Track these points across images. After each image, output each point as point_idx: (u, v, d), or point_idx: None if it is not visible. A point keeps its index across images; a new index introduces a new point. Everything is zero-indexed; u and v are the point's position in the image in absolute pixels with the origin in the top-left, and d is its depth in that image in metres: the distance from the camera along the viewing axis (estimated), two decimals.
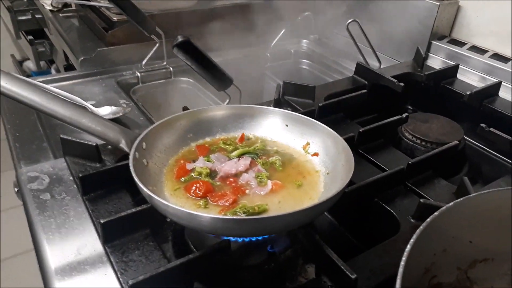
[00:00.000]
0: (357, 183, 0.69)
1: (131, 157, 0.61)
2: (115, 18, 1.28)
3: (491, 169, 0.96)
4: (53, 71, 1.98)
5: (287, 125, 0.77)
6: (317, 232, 0.70)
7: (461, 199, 0.45)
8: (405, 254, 0.40)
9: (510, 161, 0.94)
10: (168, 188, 0.65)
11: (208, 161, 0.70)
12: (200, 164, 0.69)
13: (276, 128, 0.78)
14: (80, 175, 0.68)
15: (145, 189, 0.55)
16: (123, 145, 0.69)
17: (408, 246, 0.40)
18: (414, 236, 0.41)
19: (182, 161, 0.70)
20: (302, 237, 0.64)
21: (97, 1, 1.38)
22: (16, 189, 0.79)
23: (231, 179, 0.67)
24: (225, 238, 0.61)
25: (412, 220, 0.67)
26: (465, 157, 0.97)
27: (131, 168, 0.58)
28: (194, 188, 0.64)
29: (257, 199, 0.64)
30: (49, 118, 0.99)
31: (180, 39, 0.87)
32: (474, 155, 0.99)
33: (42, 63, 2.20)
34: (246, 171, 0.69)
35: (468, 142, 1.01)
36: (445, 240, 0.46)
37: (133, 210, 0.62)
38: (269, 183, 0.66)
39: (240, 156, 0.72)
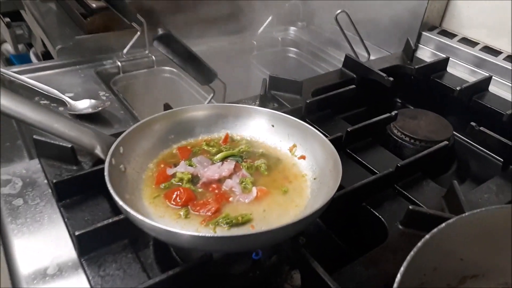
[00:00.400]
0: (345, 188, 0.67)
1: (106, 164, 0.58)
2: (94, 5, 1.22)
3: (480, 166, 0.95)
4: (31, 55, 1.91)
5: (273, 126, 0.74)
6: (304, 236, 0.69)
7: (454, 219, 0.43)
8: (397, 281, 0.38)
9: (499, 159, 0.93)
10: (147, 196, 0.62)
11: (190, 165, 0.67)
12: (181, 169, 0.65)
13: (262, 129, 0.75)
14: (54, 180, 0.64)
15: (120, 202, 0.52)
16: (98, 151, 0.65)
17: (399, 276, 0.38)
18: (405, 264, 0.39)
19: (162, 165, 0.67)
20: (287, 248, 0.62)
21: None
22: None
23: (214, 185, 0.64)
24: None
25: (400, 227, 0.65)
26: (453, 154, 0.95)
27: (106, 178, 0.55)
28: (174, 196, 0.61)
29: (242, 207, 0.61)
30: None
31: (160, 32, 0.83)
32: (463, 152, 0.97)
33: (20, 46, 2.12)
34: (230, 176, 0.66)
35: (457, 138, 1.00)
36: (436, 259, 0.44)
37: (110, 220, 0.58)
38: (254, 190, 0.63)
39: (224, 159, 0.69)
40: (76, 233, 0.56)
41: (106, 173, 0.56)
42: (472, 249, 0.46)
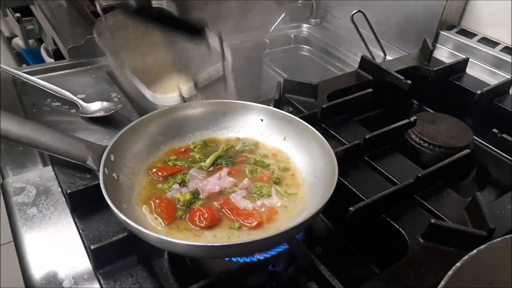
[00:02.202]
0: (365, 200, 0.65)
1: (100, 176, 0.57)
2: (104, 4, 1.20)
3: (500, 172, 0.93)
4: (42, 51, 1.90)
5: (262, 120, 0.76)
6: (321, 246, 0.68)
7: (485, 245, 0.42)
8: None
9: None
10: (142, 201, 0.62)
11: (184, 180, 0.66)
12: (173, 193, 0.64)
13: (252, 124, 0.77)
14: (68, 191, 0.64)
15: (121, 216, 0.52)
16: (90, 162, 0.63)
17: None
18: None
19: (156, 172, 0.68)
20: (304, 261, 0.60)
21: None
22: None
23: (219, 198, 0.64)
24: (226, 263, 0.57)
25: (421, 240, 0.63)
26: (473, 160, 0.93)
27: (103, 190, 0.54)
28: (197, 217, 0.60)
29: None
30: (38, 115, 0.95)
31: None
32: (482, 157, 0.95)
33: (31, 41, 2.12)
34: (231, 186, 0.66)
35: (477, 143, 0.97)
36: (465, 284, 0.43)
37: (125, 234, 0.58)
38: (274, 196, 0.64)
39: (215, 164, 0.70)
40: (92, 247, 0.56)
41: (102, 185, 0.55)
42: (502, 273, 0.44)
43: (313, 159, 0.68)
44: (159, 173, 0.67)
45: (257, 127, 0.76)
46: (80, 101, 0.99)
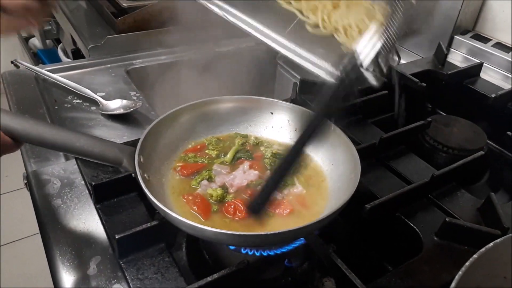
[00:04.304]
0: (380, 198, 0.66)
1: (140, 177, 0.58)
2: (125, 5, 1.23)
3: None
4: (59, 51, 1.94)
5: (272, 113, 0.78)
6: (335, 243, 0.69)
7: (502, 238, 0.43)
8: None
9: None
10: (174, 200, 0.64)
11: (210, 176, 0.68)
12: (204, 189, 0.66)
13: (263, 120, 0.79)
14: (93, 183, 0.66)
15: (175, 215, 0.54)
16: (125, 164, 0.64)
17: None
18: (453, 285, 0.39)
19: (181, 170, 0.70)
20: (320, 256, 0.62)
21: None
22: (25, 182, 0.77)
23: (248, 191, 0.66)
24: (243, 257, 0.59)
25: (435, 238, 0.65)
26: (487, 162, 0.93)
27: (147, 192, 0.56)
28: (232, 209, 0.62)
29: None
30: (59, 112, 0.97)
31: None
32: (496, 160, 0.96)
33: (48, 41, 2.15)
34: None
35: (490, 146, 0.98)
36: (480, 278, 0.44)
37: (149, 224, 0.60)
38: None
39: (235, 159, 0.72)
40: (117, 237, 0.58)
41: (145, 188, 0.57)
42: None
43: (331, 151, 0.70)
44: (184, 171, 0.69)
45: (268, 121, 0.79)
46: (100, 98, 1.01)
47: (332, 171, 0.70)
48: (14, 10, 0.56)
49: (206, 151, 0.74)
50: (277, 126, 0.78)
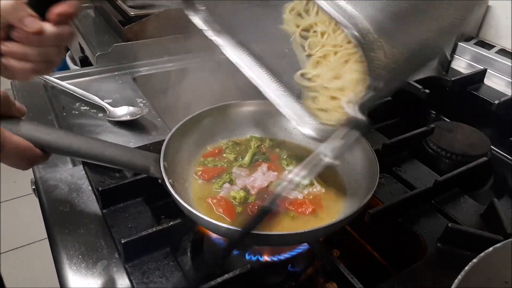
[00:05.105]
0: (383, 204, 0.67)
1: (169, 185, 0.59)
2: (132, 13, 1.25)
3: None
4: (67, 58, 1.97)
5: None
6: (338, 248, 0.69)
7: (502, 243, 0.44)
8: None
9: None
10: (199, 204, 0.65)
11: (231, 179, 0.69)
12: (226, 192, 0.67)
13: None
14: (100, 188, 0.67)
15: (211, 220, 0.55)
16: (152, 171, 0.63)
17: None
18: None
19: (202, 174, 0.71)
20: (323, 261, 0.63)
21: None
22: (33, 187, 0.79)
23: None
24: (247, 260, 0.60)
25: (438, 244, 0.65)
26: (490, 168, 0.94)
27: (177, 198, 0.57)
28: (255, 210, 0.64)
29: None
30: (67, 118, 0.99)
31: None
32: (500, 166, 0.96)
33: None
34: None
35: (494, 152, 0.98)
36: (481, 282, 0.44)
37: (154, 229, 0.61)
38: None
39: (253, 161, 0.74)
40: (123, 241, 0.59)
41: (174, 194, 0.57)
42: None
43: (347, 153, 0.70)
44: (205, 175, 0.70)
45: (281, 123, 0.79)
46: (107, 105, 1.03)
47: (349, 171, 0.71)
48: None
49: (224, 155, 0.76)
50: (290, 127, 0.79)
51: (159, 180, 0.61)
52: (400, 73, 0.53)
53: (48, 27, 0.53)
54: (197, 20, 0.68)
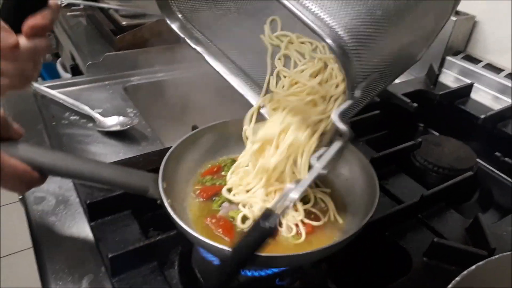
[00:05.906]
0: (371, 218, 0.67)
1: (168, 206, 0.57)
2: (124, 23, 1.26)
3: (504, 195, 0.94)
4: (58, 65, 1.96)
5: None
6: (326, 262, 0.70)
7: (484, 261, 0.44)
8: None
9: None
10: (197, 224, 0.64)
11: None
12: (225, 211, 0.66)
13: None
14: (88, 201, 0.67)
15: (211, 243, 0.52)
16: (151, 192, 0.61)
17: None
18: None
19: (200, 193, 0.69)
20: (310, 275, 0.63)
21: (105, 2, 1.36)
22: (20, 197, 0.78)
23: None
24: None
25: (424, 258, 0.66)
26: (476, 182, 0.95)
27: (178, 221, 0.55)
28: None
29: None
30: (57, 128, 0.99)
31: None
32: (486, 180, 0.97)
33: (47, 55, 2.17)
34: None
35: (480, 166, 1.00)
36: None
37: (141, 243, 0.61)
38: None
39: None
40: (109, 255, 0.59)
41: (174, 216, 0.56)
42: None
43: (345, 167, 0.71)
44: (203, 194, 0.68)
45: None
46: (97, 115, 1.03)
47: (347, 187, 0.70)
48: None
49: (222, 173, 0.73)
50: None
51: (158, 201, 0.60)
52: (377, 81, 0.54)
53: (23, 41, 0.50)
54: (176, 27, 0.67)
